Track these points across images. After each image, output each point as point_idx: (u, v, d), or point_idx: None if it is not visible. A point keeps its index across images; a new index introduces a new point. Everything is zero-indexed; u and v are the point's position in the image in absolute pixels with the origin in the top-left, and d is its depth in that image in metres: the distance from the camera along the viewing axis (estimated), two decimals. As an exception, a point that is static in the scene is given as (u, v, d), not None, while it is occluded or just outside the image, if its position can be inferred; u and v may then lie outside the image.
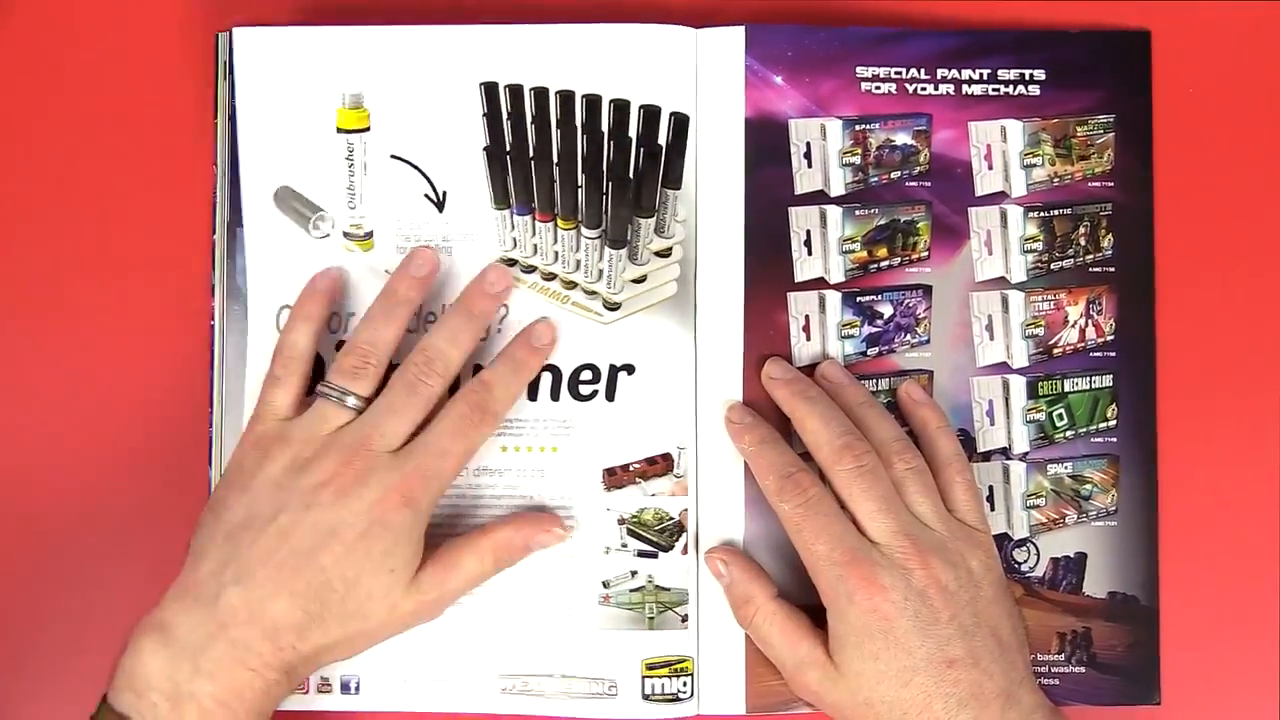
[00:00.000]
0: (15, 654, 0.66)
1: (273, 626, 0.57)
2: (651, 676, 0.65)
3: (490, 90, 0.65)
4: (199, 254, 0.67)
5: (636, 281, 0.66)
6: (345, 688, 0.65)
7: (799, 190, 0.66)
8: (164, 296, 0.67)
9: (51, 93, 0.68)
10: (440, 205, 0.66)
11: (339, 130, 0.66)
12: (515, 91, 0.65)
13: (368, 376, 0.61)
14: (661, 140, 0.65)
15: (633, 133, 0.65)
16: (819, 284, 0.66)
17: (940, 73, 0.66)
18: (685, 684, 0.65)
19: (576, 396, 0.65)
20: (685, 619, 0.65)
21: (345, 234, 0.66)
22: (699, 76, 0.65)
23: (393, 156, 0.66)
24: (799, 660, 0.61)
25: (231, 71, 0.66)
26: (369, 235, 0.66)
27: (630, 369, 0.65)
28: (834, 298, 0.66)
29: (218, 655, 0.56)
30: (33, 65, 0.68)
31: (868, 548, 0.60)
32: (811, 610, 0.62)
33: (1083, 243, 0.67)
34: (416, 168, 0.66)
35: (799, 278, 0.66)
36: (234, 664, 0.57)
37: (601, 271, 0.66)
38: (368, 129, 0.66)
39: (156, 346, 0.67)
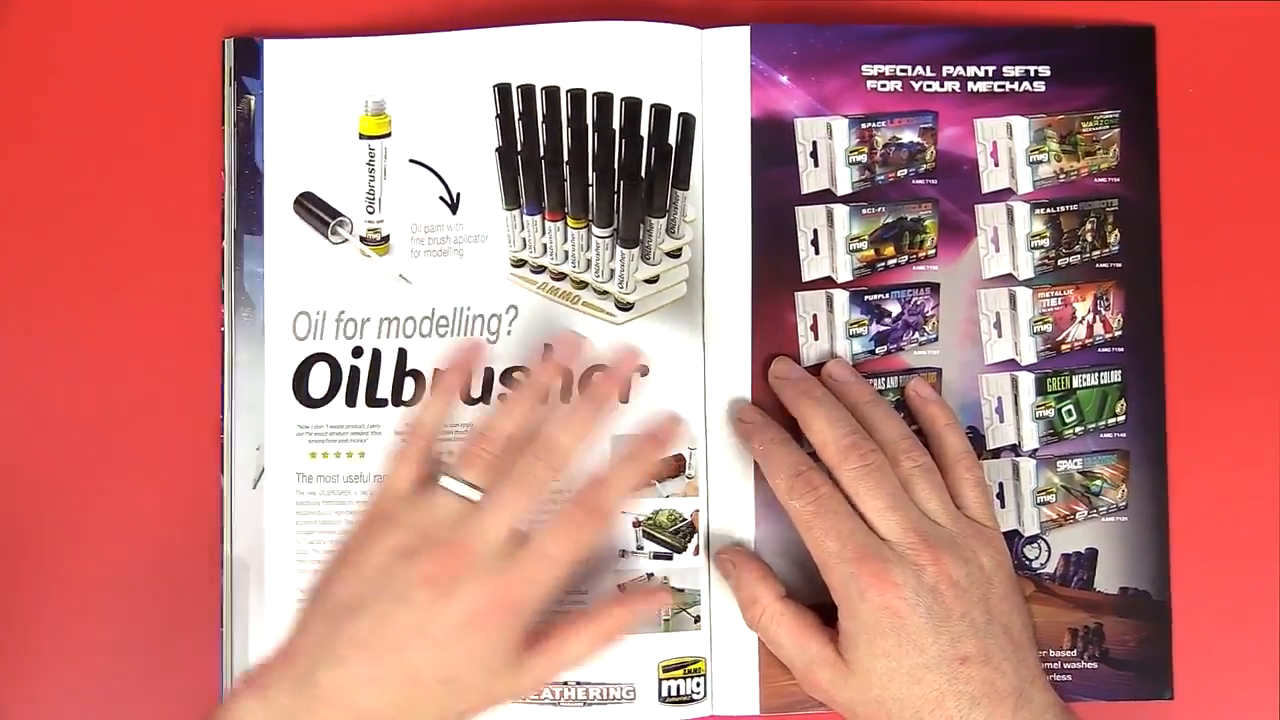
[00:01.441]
0: (16, 654, 0.67)
1: (360, 713, 0.56)
2: (668, 679, 0.65)
3: (503, 92, 0.66)
4: (209, 261, 0.67)
5: (649, 282, 0.66)
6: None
7: (805, 189, 0.66)
8: (174, 304, 0.68)
9: (59, 102, 0.68)
10: (454, 207, 0.66)
11: (361, 136, 0.67)
12: (527, 93, 0.66)
13: (487, 465, 0.59)
14: (670, 140, 0.66)
15: (644, 132, 0.66)
16: (826, 283, 0.66)
17: (946, 70, 0.67)
18: (699, 684, 0.65)
19: (589, 398, 0.66)
20: (698, 620, 0.65)
21: (362, 239, 0.66)
22: (704, 77, 0.66)
23: (411, 160, 0.66)
24: (809, 659, 0.61)
25: (237, 78, 0.67)
26: (385, 239, 0.66)
27: (644, 370, 0.65)
28: (841, 296, 0.66)
29: None
30: (40, 71, 0.69)
31: (879, 545, 0.60)
32: (823, 609, 0.62)
33: (1089, 239, 0.67)
34: (433, 170, 0.66)
35: (806, 277, 0.66)
36: None
37: (613, 271, 0.66)
38: (389, 134, 0.66)
39: (167, 354, 0.68)
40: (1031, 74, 0.67)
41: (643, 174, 0.66)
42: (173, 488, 0.67)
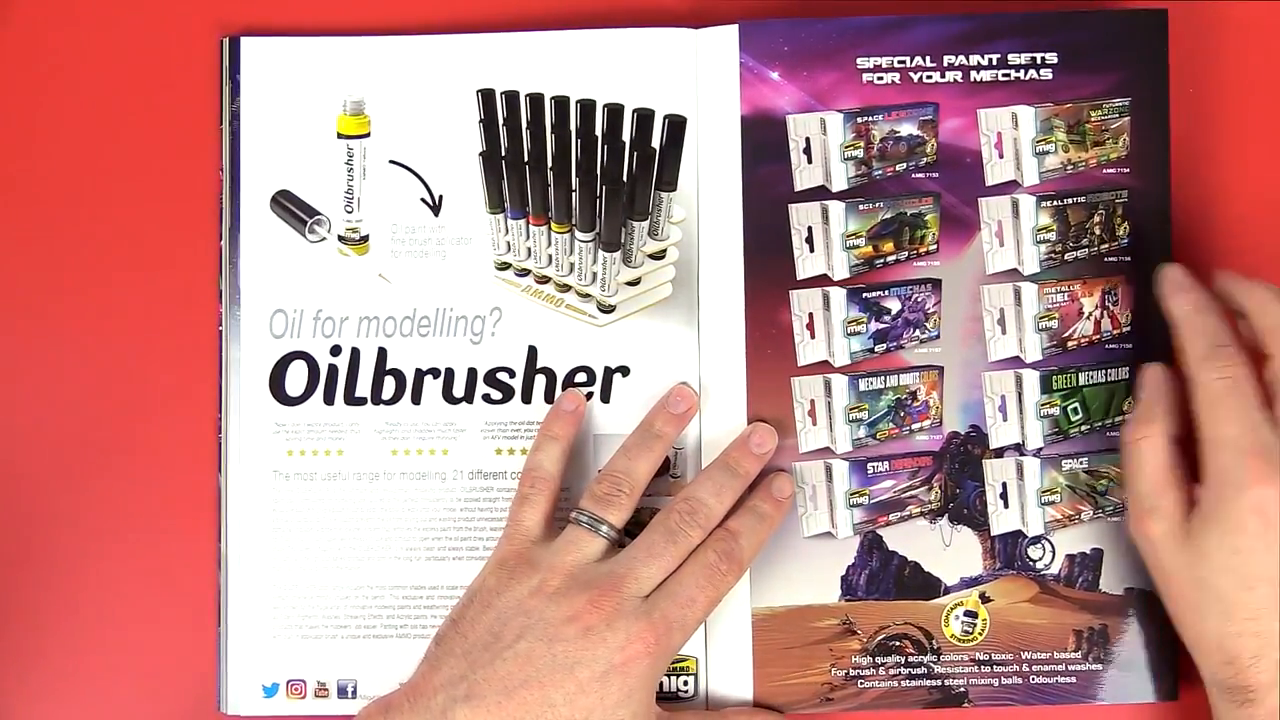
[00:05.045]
0: (15, 654, 0.67)
1: None
2: None
3: (487, 97, 0.66)
4: (207, 259, 0.67)
5: (630, 284, 0.66)
6: (342, 692, 0.65)
7: (799, 186, 0.65)
8: (175, 302, 0.68)
9: (58, 100, 0.68)
10: (436, 209, 0.66)
11: (339, 136, 0.66)
12: (511, 97, 0.66)
13: (620, 505, 0.61)
14: (656, 143, 0.65)
15: (626, 137, 0.65)
16: (822, 281, 0.65)
17: (947, 60, 0.64)
18: (686, 683, 0.65)
19: (571, 399, 0.65)
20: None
21: (341, 238, 0.66)
22: (699, 77, 0.65)
23: (391, 161, 0.66)
24: (1154, 506, 0.59)
25: (233, 76, 0.66)
26: (364, 239, 0.66)
27: (625, 370, 0.65)
28: (838, 294, 0.65)
29: None
30: (40, 70, 0.68)
31: (1278, 447, 0.57)
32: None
33: (1098, 232, 0.65)
34: (414, 172, 0.66)
35: (801, 275, 0.65)
36: None
37: (595, 275, 0.66)
38: (368, 135, 0.66)
39: (168, 352, 0.68)
40: (1038, 61, 0.64)
41: (624, 179, 0.65)
42: (172, 487, 0.67)
